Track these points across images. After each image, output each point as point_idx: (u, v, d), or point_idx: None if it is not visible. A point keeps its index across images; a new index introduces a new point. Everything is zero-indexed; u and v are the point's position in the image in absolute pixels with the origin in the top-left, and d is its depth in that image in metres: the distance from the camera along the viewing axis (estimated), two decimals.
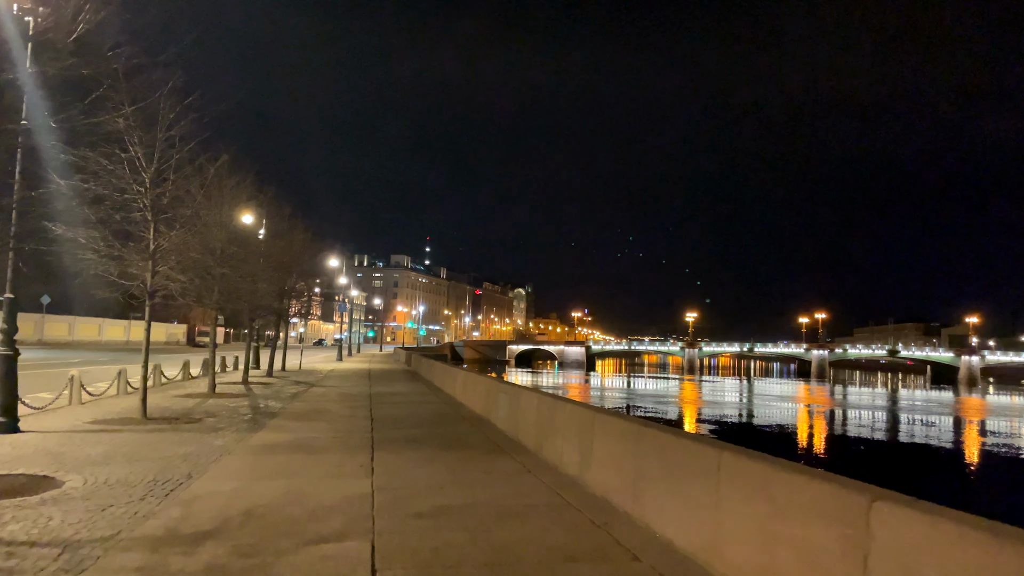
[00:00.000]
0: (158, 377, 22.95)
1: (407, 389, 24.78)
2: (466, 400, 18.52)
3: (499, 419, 13.63)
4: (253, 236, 23.53)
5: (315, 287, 55.85)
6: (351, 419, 14.87)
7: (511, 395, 12.84)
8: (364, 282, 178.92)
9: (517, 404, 12.18)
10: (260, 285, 24.55)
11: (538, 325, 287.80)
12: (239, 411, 16.02)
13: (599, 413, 8.11)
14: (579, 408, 8.79)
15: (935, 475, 28.88)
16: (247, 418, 14.66)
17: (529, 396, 11.49)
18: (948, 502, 3.63)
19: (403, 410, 17.20)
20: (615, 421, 7.54)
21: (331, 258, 54.61)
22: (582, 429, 8.35)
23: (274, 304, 28.37)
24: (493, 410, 14.41)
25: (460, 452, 10.53)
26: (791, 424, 46.44)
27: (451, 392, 21.86)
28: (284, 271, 29.59)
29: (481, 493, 7.72)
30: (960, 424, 49.13)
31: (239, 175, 20.10)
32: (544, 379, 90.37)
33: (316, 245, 34.62)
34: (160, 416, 14.48)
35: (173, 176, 14.06)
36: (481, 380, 17.14)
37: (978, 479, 28.98)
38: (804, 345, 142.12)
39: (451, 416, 15.88)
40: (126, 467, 8.77)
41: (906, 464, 31.12)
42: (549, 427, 9.92)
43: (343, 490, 7.75)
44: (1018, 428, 48.19)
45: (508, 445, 11.23)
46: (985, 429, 46.17)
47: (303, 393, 21.81)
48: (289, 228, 27.36)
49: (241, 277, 20.95)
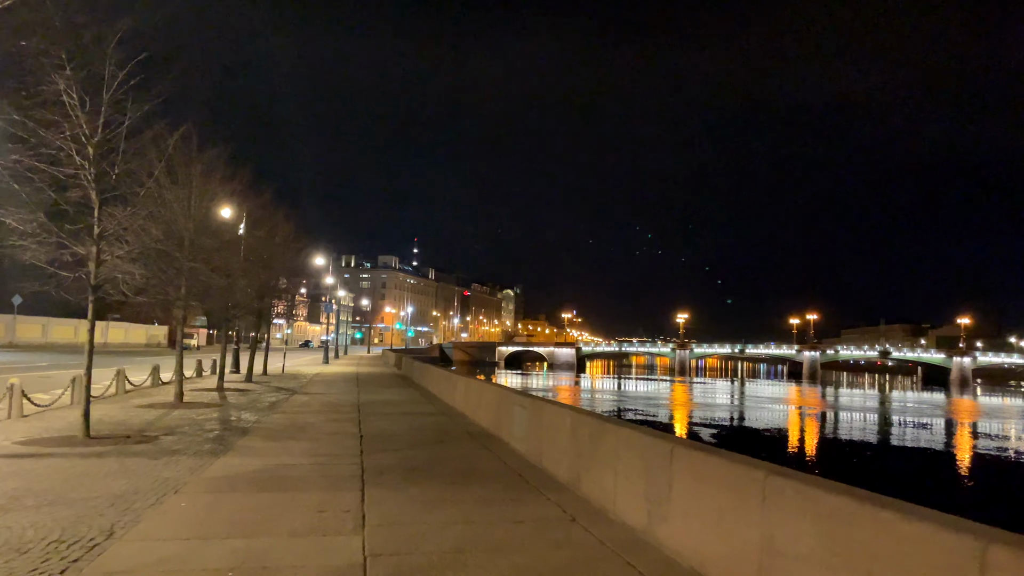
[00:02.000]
0: (122, 384, 20.56)
1: (399, 396, 22.46)
2: (468, 411, 16.24)
3: (514, 438, 11.38)
4: (229, 227, 21.14)
5: (300, 287, 53.57)
6: (336, 437, 12.56)
7: (531, 410, 10.58)
8: (351, 283, 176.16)
9: (540, 421, 9.93)
10: (238, 281, 22.23)
11: (527, 326, 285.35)
12: (205, 426, 13.68)
13: (678, 444, 5.87)
14: (642, 435, 6.54)
15: (956, 489, 26.99)
16: (212, 436, 12.33)
17: (558, 413, 9.22)
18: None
19: (397, 424, 14.90)
20: (712, 459, 5.29)
21: (317, 256, 52.27)
22: (651, 464, 6.12)
23: (253, 303, 26.00)
24: (505, 426, 12.15)
25: (476, 488, 8.24)
26: (835, 437, 44.29)
27: (449, 401, 19.57)
28: (264, 267, 27.22)
29: (520, 559, 5.47)
30: (976, 430, 47.37)
31: (211, 155, 17.79)
32: (535, 381, 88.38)
33: (300, 240, 32.12)
34: (108, 434, 12.14)
35: (123, 146, 11.73)
36: (489, 388, 14.82)
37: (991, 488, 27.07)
38: (796, 346, 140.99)
39: (454, 432, 13.60)
40: (29, 516, 6.46)
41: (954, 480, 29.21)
42: (591, 455, 7.69)
43: (324, 557, 5.48)
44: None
45: (533, 475, 8.98)
46: (994, 433, 44.45)
47: (283, 402, 19.45)
48: (268, 216, 24.77)
49: (214, 272, 18.64)
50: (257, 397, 20.74)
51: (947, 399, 76.61)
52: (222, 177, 18.32)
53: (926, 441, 40.25)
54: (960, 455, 34.98)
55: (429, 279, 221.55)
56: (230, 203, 19.48)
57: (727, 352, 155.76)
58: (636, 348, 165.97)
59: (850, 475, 25.59)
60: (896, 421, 50.17)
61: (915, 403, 70.51)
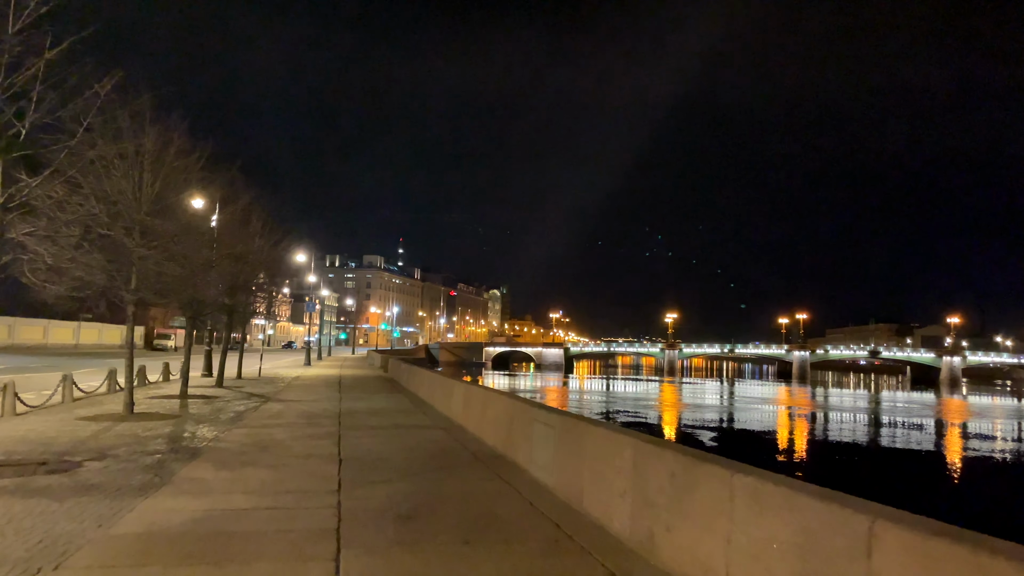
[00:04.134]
0: (69, 391, 17.94)
1: (387, 404, 19.90)
2: (470, 424, 13.73)
3: (535, 464, 8.90)
4: (191, 211, 18.50)
5: (283, 286, 50.64)
6: (309, 461, 10.01)
7: (562, 430, 8.09)
8: (336, 283, 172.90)
9: (578, 448, 7.45)
10: (204, 274, 19.64)
11: (513, 326, 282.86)
12: (148, 446, 11.11)
13: (880, 516, 3.43)
14: (791, 490, 4.08)
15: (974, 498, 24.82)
16: (151, 461, 9.76)
17: (611, 439, 6.72)
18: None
19: (385, 442, 12.37)
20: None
21: (298, 252, 49.51)
22: (819, 542, 3.69)
23: (223, 299, 23.32)
24: (522, 448, 9.67)
25: (499, 553, 5.72)
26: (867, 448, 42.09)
27: (444, 410, 17.05)
28: (236, 260, 24.56)
29: None
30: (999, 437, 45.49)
31: (167, 122, 15.18)
32: (523, 382, 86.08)
33: (277, 232, 29.21)
34: (20, 459, 9.57)
35: (39, 91, 9.18)
36: (496, 398, 12.23)
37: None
38: (785, 346, 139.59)
39: (456, 453, 11.09)
40: None
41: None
42: (674, 506, 5.25)
43: None
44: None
45: (575, 526, 6.52)
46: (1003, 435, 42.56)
47: (252, 412, 16.85)
48: (242, 204, 21.92)
49: (170, 260, 16.04)
50: (223, 406, 18.14)
51: (937, 399, 75.41)
52: (179, 150, 15.68)
53: (933, 444, 38.38)
54: (976, 459, 32.97)
55: (415, 279, 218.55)
56: (192, 183, 16.79)
57: (716, 352, 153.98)
58: (625, 348, 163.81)
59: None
60: (899, 423, 48.35)
61: (909, 404, 68.87)
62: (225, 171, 21.38)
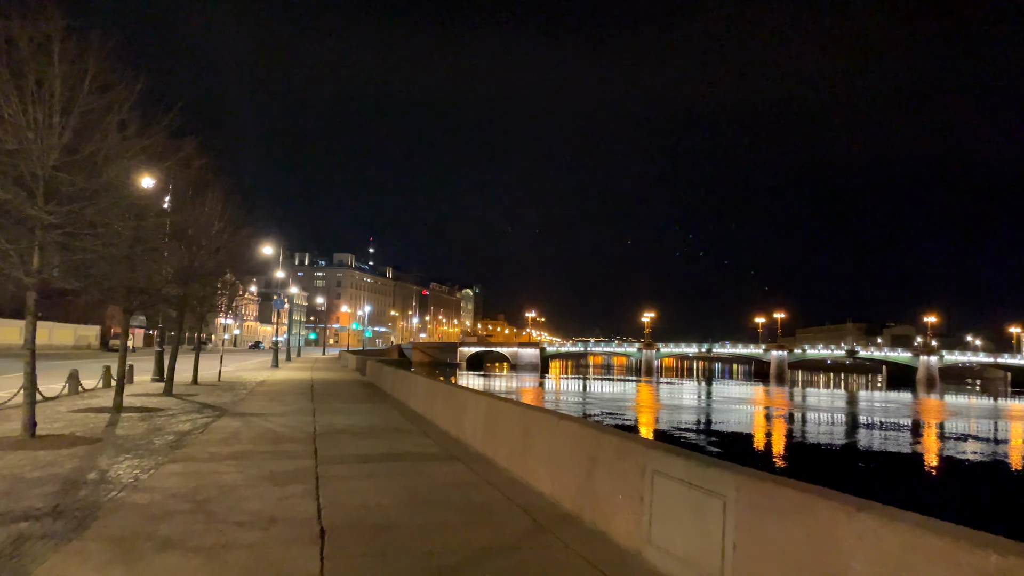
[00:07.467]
0: None
1: (374, 420, 15.96)
2: (499, 455, 9.88)
3: (656, 546, 5.22)
4: (120, 171, 14.40)
5: (250, 284, 46.41)
6: (269, 537, 6.16)
7: (746, 504, 4.42)
8: (305, 281, 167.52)
9: (780, 538, 3.81)
10: (149, 256, 15.73)
11: (486, 326, 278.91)
12: (23, 499, 7.20)
13: None
14: None
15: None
16: (9, 534, 5.89)
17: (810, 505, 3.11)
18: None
19: (386, 488, 8.55)
20: None
21: (266, 244, 45.22)
22: None
23: (171, 290, 19.22)
24: (623, 512, 5.92)
25: None
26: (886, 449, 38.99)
27: (451, 429, 13.17)
28: (188, 244, 20.53)
29: None
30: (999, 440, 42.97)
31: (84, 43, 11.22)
32: (500, 383, 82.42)
33: (239, 218, 24.99)
34: None
35: None
36: (552, 423, 8.05)
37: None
38: (763, 346, 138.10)
39: (500, 513, 7.29)
40: None
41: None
42: None
43: None
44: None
45: None
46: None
47: (198, 434, 12.84)
48: (186, 160, 17.53)
49: (93, 236, 12.12)
50: (163, 423, 14.12)
51: (914, 399, 73.89)
52: (102, 86, 11.68)
53: (920, 447, 35.80)
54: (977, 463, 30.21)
55: (387, 278, 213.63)
56: (116, 130, 12.67)
57: (694, 352, 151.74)
58: (603, 348, 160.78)
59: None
60: (898, 425, 45.93)
61: (897, 404, 66.58)
62: (171, 134, 17.14)
